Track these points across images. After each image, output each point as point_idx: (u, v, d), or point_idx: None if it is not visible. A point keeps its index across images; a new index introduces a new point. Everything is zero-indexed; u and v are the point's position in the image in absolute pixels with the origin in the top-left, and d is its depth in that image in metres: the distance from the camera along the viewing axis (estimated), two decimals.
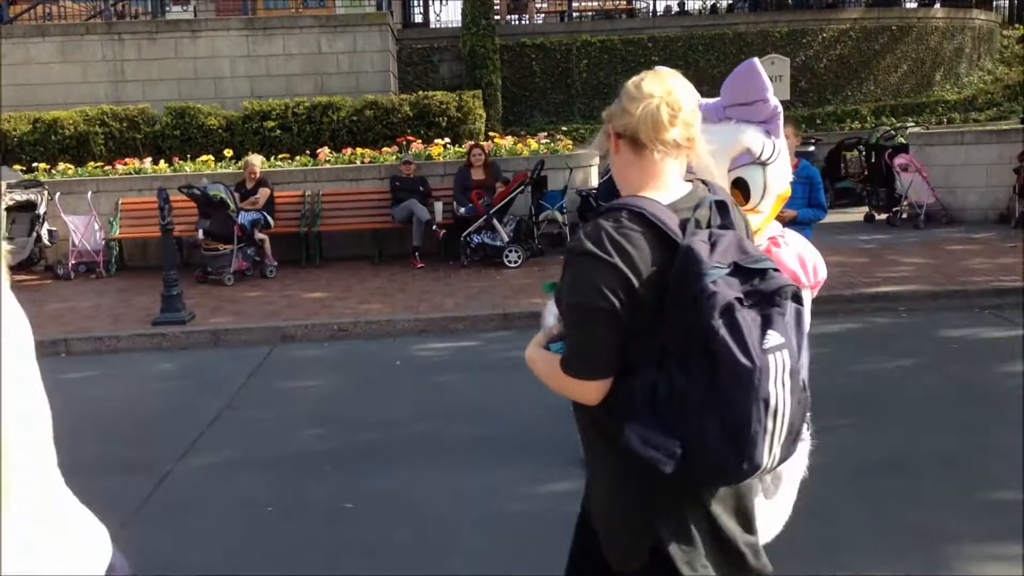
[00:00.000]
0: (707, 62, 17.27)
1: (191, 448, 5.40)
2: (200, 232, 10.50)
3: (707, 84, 2.59)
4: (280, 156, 12.85)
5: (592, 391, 1.88)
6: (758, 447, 1.73)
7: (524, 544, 3.98)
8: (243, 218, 10.62)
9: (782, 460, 1.80)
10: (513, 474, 4.78)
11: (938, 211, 12.52)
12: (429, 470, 4.91)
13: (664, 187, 1.92)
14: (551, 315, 1.98)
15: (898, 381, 6.08)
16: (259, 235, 10.88)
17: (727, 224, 1.89)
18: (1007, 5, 23.35)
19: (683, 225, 1.83)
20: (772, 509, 2.59)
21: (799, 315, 1.79)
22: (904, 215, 12.62)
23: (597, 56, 17.65)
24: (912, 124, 16.07)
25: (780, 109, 2.58)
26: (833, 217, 13.37)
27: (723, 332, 1.68)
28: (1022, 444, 4.82)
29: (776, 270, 1.83)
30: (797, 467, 2.52)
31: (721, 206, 1.91)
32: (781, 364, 1.72)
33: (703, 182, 1.97)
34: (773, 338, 1.71)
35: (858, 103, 18.18)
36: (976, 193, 12.50)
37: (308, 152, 12.96)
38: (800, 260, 2.58)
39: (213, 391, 6.56)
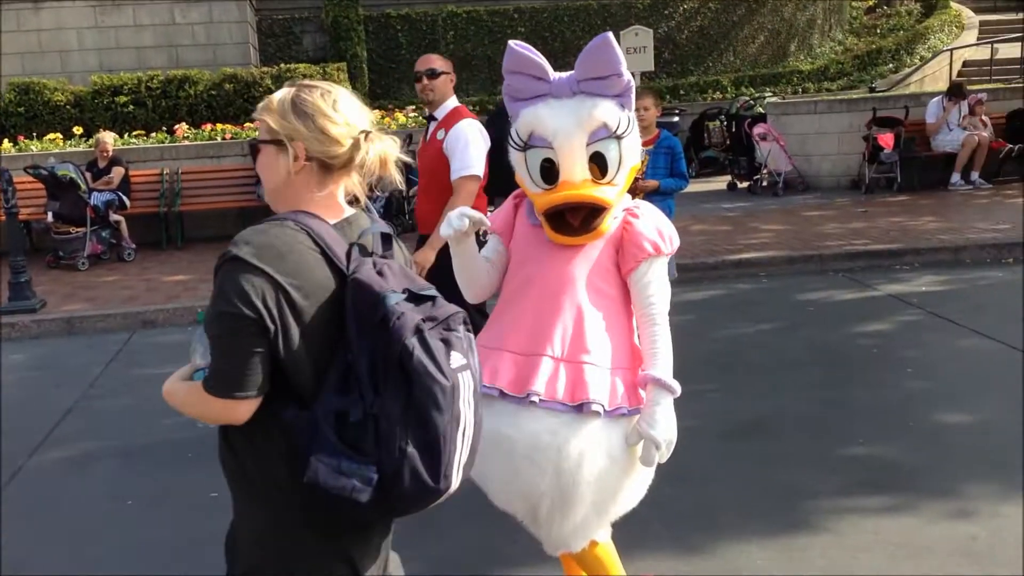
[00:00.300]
0: (572, 33, 17.39)
1: (44, 442, 5.14)
2: (49, 215, 9.96)
3: (572, 55, 2.58)
4: (134, 133, 12.31)
5: (238, 412, 1.76)
6: (452, 466, 1.72)
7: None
8: (96, 199, 10.12)
9: (460, 484, 1.79)
10: None
11: (795, 178, 12.97)
12: None
13: (333, 208, 1.88)
14: (200, 346, 1.84)
15: (760, 345, 6.28)
16: (114, 216, 10.40)
17: (388, 255, 1.88)
18: None
19: (349, 250, 1.80)
20: (633, 476, 2.62)
21: (471, 341, 1.81)
22: (764, 183, 13.03)
23: (464, 27, 17.56)
24: (770, 94, 16.59)
25: (632, 83, 2.59)
26: (697, 186, 13.71)
27: (418, 352, 1.66)
28: (873, 401, 5.06)
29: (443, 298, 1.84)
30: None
31: (385, 237, 1.90)
32: (467, 384, 1.74)
33: (366, 209, 1.95)
34: (456, 359, 1.72)
35: (719, 74, 18.64)
36: (830, 161, 13.01)
37: (164, 128, 12.46)
38: (658, 231, 2.62)
39: (68, 382, 6.26)
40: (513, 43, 2.59)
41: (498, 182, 6.00)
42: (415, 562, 3.61)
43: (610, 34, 2.54)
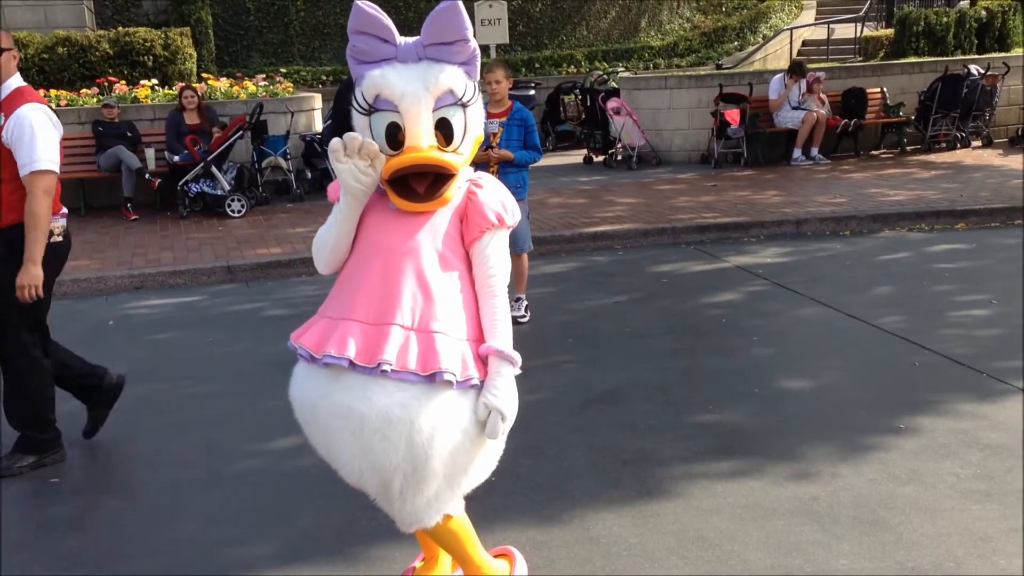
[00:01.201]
0: (427, 4, 17.18)
1: None
2: None
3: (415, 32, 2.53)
4: None
5: None
6: None
7: (246, 504, 3.84)
8: None
9: None
10: (234, 431, 4.60)
11: (649, 153, 13.27)
12: (145, 434, 4.62)
13: None
14: None
15: (615, 316, 6.41)
16: None
17: None
18: None
19: None
20: (484, 448, 2.62)
21: None
22: (619, 157, 13.28)
23: None
24: (622, 69, 16.89)
25: (478, 51, 2.57)
26: (555, 160, 13.88)
27: None
28: (722, 369, 5.24)
29: None
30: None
31: None
32: None
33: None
34: None
35: (573, 48, 18.85)
36: (680, 135, 13.37)
37: None
38: (501, 202, 2.62)
39: None
40: (360, 2, 2.51)
41: None
42: (274, 540, 3.54)
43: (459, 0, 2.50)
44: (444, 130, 2.53)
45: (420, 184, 2.52)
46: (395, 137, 2.51)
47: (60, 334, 6.47)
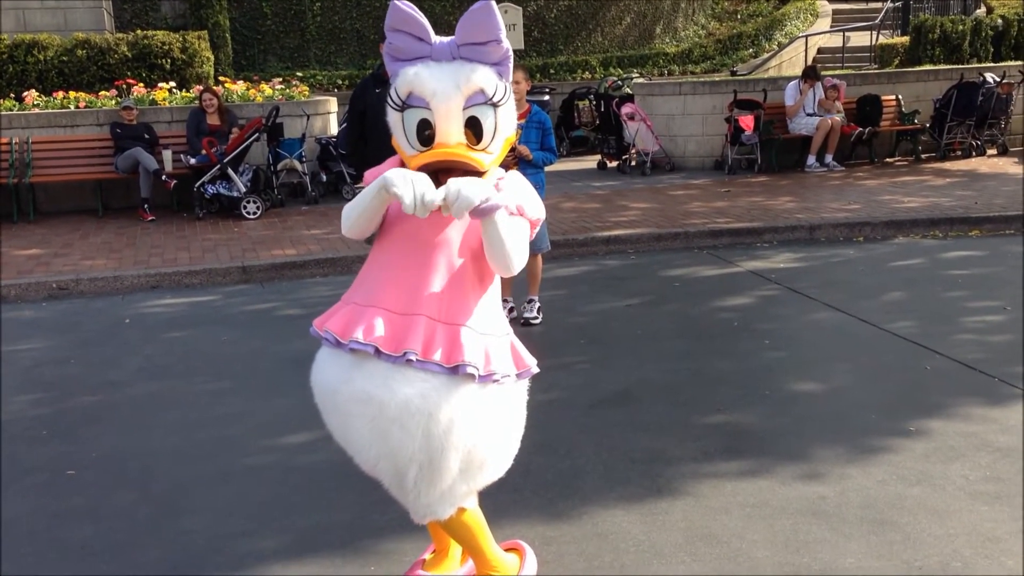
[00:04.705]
0: (442, 8, 17.29)
1: None
2: None
3: (442, 30, 2.57)
4: None
5: None
6: None
7: (258, 498, 3.88)
8: None
9: None
10: (247, 427, 4.64)
11: (662, 158, 13.28)
12: (159, 429, 4.67)
13: None
14: None
15: (627, 319, 6.43)
16: None
17: None
18: None
19: None
20: (501, 445, 2.66)
21: None
22: (632, 162, 13.30)
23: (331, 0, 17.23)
24: (637, 75, 16.91)
25: (511, 52, 2.60)
26: (568, 165, 13.92)
27: None
28: (732, 371, 5.25)
29: None
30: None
31: None
32: None
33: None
34: None
35: (588, 54, 18.89)
36: (694, 141, 13.38)
37: (13, 95, 11.79)
38: (524, 195, 2.65)
39: None
40: (397, 1, 2.56)
41: (365, 152, 5.94)
42: (285, 533, 3.58)
43: (492, 1, 2.54)
44: (474, 128, 2.56)
45: (448, 179, 2.54)
46: (425, 133, 2.55)
47: (77, 331, 6.56)
